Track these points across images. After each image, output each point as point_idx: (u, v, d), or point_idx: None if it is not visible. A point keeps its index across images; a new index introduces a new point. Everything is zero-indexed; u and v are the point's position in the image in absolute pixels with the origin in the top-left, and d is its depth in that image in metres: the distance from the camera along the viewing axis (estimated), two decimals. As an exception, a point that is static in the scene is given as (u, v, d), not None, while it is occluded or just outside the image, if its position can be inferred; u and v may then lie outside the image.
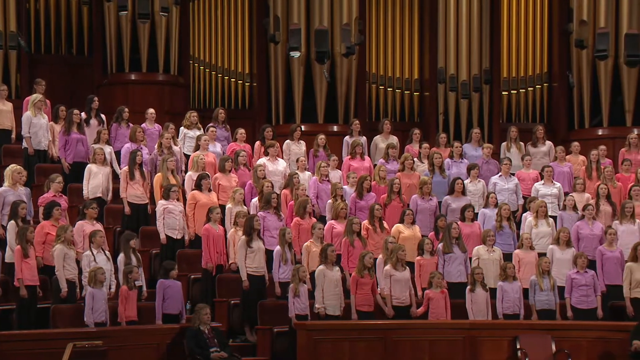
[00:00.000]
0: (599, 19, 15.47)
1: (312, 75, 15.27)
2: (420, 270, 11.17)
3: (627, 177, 12.96)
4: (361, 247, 11.12)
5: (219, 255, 11.13)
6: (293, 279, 10.40)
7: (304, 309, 10.40)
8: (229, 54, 15.79)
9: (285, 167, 12.85)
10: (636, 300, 10.89)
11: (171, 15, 14.94)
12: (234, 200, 11.64)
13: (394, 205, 12.01)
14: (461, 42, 15.59)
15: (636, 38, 15.21)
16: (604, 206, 12.17)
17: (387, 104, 15.94)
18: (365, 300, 10.64)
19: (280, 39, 15.33)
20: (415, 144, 13.73)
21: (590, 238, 11.71)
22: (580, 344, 10.49)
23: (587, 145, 13.97)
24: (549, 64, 16.09)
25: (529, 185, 12.81)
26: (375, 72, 15.95)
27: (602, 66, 15.41)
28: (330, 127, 15.12)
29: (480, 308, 10.85)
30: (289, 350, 10.28)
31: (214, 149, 12.94)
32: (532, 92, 16.08)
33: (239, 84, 15.80)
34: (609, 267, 11.32)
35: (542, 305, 10.96)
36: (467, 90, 15.54)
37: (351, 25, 15.31)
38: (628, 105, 15.34)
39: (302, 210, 11.52)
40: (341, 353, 10.20)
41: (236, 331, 10.89)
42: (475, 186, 12.62)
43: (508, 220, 11.88)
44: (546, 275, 10.98)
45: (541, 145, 13.74)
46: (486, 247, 11.37)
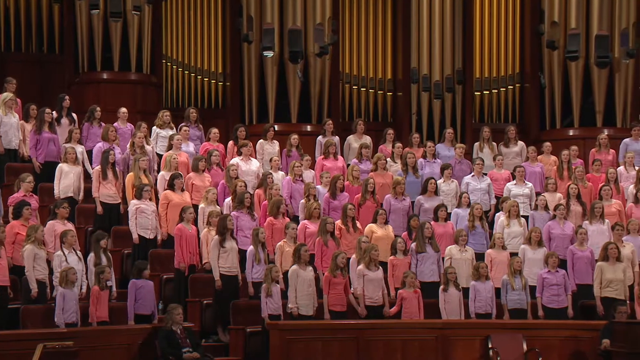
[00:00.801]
0: (570, 20, 15.59)
1: (285, 75, 15.26)
2: (393, 270, 11.20)
3: (597, 177, 13.07)
4: (334, 247, 11.13)
5: (191, 255, 11.10)
6: (266, 278, 10.39)
7: (277, 309, 10.40)
8: (202, 53, 15.75)
9: (258, 167, 12.83)
10: (606, 300, 10.98)
11: (143, 14, 14.87)
12: (207, 200, 11.61)
13: (368, 205, 12.03)
14: (434, 43, 15.66)
15: (606, 39, 15.35)
16: (574, 206, 12.27)
17: (360, 104, 15.97)
18: (338, 300, 10.65)
19: (253, 38, 15.31)
20: (389, 143, 13.76)
21: (561, 238, 11.79)
22: (551, 343, 10.56)
23: (558, 145, 14.07)
24: (521, 65, 16.19)
25: (502, 185, 12.88)
26: (348, 72, 15.97)
27: (573, 67, 15.54)
28: (303, 127, 15.12)
29: (453, 307, 10.90)
30: (262, 350, 10.27)
31: (187, 148, 12.90)
32: (505, 93, 16.17)
33: (212, 84, 15.76)
34: (579, 266, 11.41)
35: (513, 304, 11.03)
36: (440, 90, 15.61)
37: (324, 25, 15.32)
38: (598, 106, 15.48)
39: (276, 210, 11.51)
40: (314, 353, 10.20)
41: (209, 331, 10.86)
42: (448, 186, 12.67)
43: (480, 220, 11.94)
44: (518, 275, 11.04)
45: (513, 145, 13.82)
46: (458, 246, 11.42)
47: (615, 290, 11.02)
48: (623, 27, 15.47)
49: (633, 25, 15.55)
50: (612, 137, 14.43)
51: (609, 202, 12.26)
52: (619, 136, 14.54)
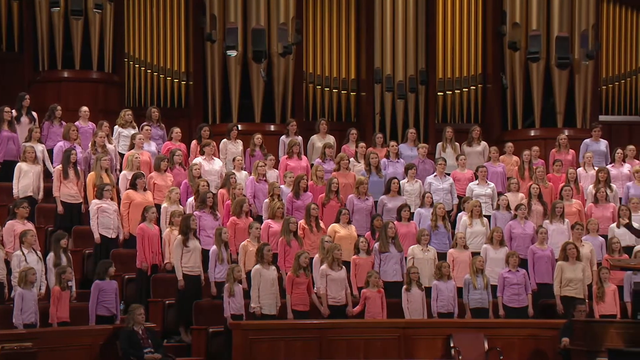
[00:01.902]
0: (531, 21, 15.73)
1: (249, 75, 15.21)
2: (356, 269, 11.22)
3: (558, 177, 13.20)
4: (297, 246, 11.13)
5: (154, 254, 11.05)
6: (228, 278, 10.37)
7: (239, 309, 10.38)
8: (165, 52, 15.64)
9: (221, 167, 12.79)
10: (566, 298, 11.10)
11: (105, 12, 14.74)
12: (170, 200, 11.56)
13: (332, 205, 12.04)
14: (397, 43, 15.71)
15: (566, 41, 15.51)
16: (535, 206, 12.38)
17: (324, 103, 15.98)
18: (301, 300, 10.66)
19: (216, 37, 15.24)
20: (352, 143, 13.79)
21: (522, 237, 11.89)
22: (511, 342, 10.66)
23: (520, 145, 14.18)
24: (483, 66, 16.30)
25: (464, 185, 12.96)
26: (312, 72, 15.96)
27: (534, 68, 15.67)
28: (267, 126, 15.09)
29: (416, 307, 10.95)
30: (224, 350, 10.24)
31: (149, 147, 12.83)
32: (467, 93, 16.27)
33: (175, 83, 15.66)
34: (539, 265, 11.52)
35: (475, 303, 11.11)
36: (403, 90, 15.66)
37: (288, 24, 15.30)
38: (559, 107, 15.63)
39: (239, 209, 11.49)
40: (277, 353, 10.19)
41: (171, 331, 10.81)
42: (412, 186, 12.72)
43: (443, 219, 12.00)
44: (480, 274, 11.12)
45: (476, 145, 13.92)
46: (421, 246, 11.48)
47: (574, 289, 11.14)
48: (583, 29, 15.65)
49: (592, 27, 15.73)
50: (572, 137, 14.59)
51: (569, 202, 12.39)
52: (579, 137, 14.71)
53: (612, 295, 11.07)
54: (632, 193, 12.71)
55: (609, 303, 11.01)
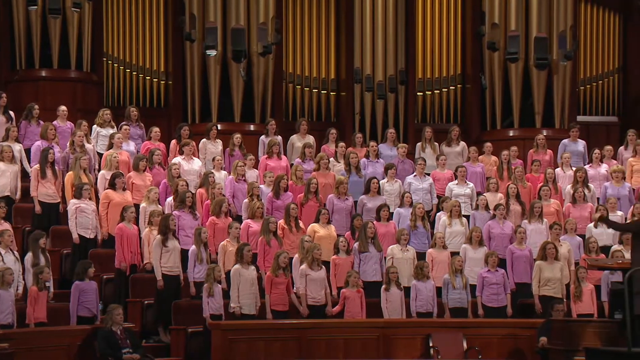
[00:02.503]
0: (510, 22, 15.79)
1: (228, 74, 15.17)
2: (335, 269, 11.23)
3: (536, 177, 13.26)
4: (277, 246, 11.12)
5: (132, 254, 11.01)
6: (207, 278, 10.35)
7: (219, 309, 10.36)
8: (144, 51, 15.57)
9: (200, 167, 12.77)
10: (544, 298, 11.16)
11: (83, 11, 14.65)
12: (149, 200, 11.52)
13: (311, 204, 12.05)
14: (377, 43, 15.73)
15: (545, 41, 15.58)
16: (514, 206, 12.44)
17: (303, 103, 15.97)
18: (280, 300, 10.65)
19: (196, 37, 15.18)
20: (332, 143, 13.79)
21: (501, 237, 11.95)
22: (490, 341, 10.70)
23: (499, 145, 14.24)
24: (462, 66, 16.34)
25: (444, 185, 13.00)
26: (292, 72, 15.95)
27: (513, 68, 15.74)
28: (246, 126, 15.06)
29: (395, 307, 10.97)
30: (203, 351, 10.21)
31: (128, 147, 12.78)
32: (446, 93, 16.31)
33: (154, 82, 15.59)
34: (518, 265, 11.57)
35: (454, 303, 11.14)
36: (383, 90, 15.68)
37: (268, 24, 15.28)
38: (537, 107, 15.70)
39: (218, 209, 11.47)
40: (256, 353, 10.18)
41: (150, 331, 10.78)
42: (392, 186, 12.75)
43: (422, 219, 12.04)
44: (459, 274, 11.16)
45: (455, 145, 13.96)
46: (400, 246, 11.50)
47: (552, 288, 11.21)
48: (561, 30, 15.73)
49: (570, 28, 15.82)
50: (550, 137, 14.67)
51: (547, 202, 12.45)
52: (558, 137, 14.79)
53: (590, 294, 11.15)
54: (610, 193, 12.80)
55: (586, 302, 11.08)
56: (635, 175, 13.31)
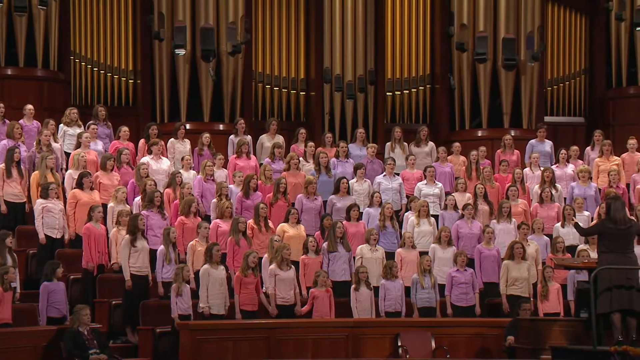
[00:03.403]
0: (479, 23, 15.88)
1: (197, 74, 15.09)
2: (305, 269, 11.23)
3: (504, 177, 13.34)
4: (246, 246, 11.11)
5: (100, 254, 10.95)
6: (176, 278, 10.32)
7: (187, 309, 10.32)
8: (112, 50, 15.45)
9: (169, 166, 12.71)
10: (512, 297, 11.23)
11: (50, 9, 14.50)
12: (117, 199, 11.46)
13: (280, 204, 12.04)
14: (346, 43, 15.73)
15: (513, 42, 15.69)
16: (482, 206, 12.50)
17: (273, 103, 15.94)
18: (249, 300, 10.64)
19: (164, 36, 15.10)
20: (301, 143, 13.79)
21: (469, 237, 12.01)
22: (458, 340, 10.76)
23: (467, 146, 14.31)
24: (431, 66, 16.40)
25: (413, 185, 13.05)
26: (261, 71, 15.91)
27: (482, 69, 15.83)
28: (215, 125, 15.00)
29: (364, 306, 11.00)
30: (172, 351, 10.17)
31: (96, 146, 12.70)
32: (415, 94, 16.36)
33: (122, 81, 15.47)
34: (486, 265, 11.64)
35: (423, 303, 11.19)
36: (353, 90, 15.70)
37: (237, 23, 15.23)
38: (505, 108, 15.79)
39: (187, 209, 11.43)
40: (224, 353, 10.16)
41: (117, 332, 10.71)
42: (361, 186, 12.77)
43: (391, 219, 12.07)
44: (427, 274, 11.21)
45: (424, 145, 14.02)
46: (369, 246, 11.52)
47: (520, 288, 11.28)
48: (528, 31, 15.85)
49: (538, 29, 15.94)
50: (518, 138, 14.77)
51: (515, 202, 12.54)
52: (525, 137, 14.89)
53: (556, 294, 11.23)
54: (577, 193, 12.92)
55: (552, 302, 11.17)
56: (601, 175, 13.44)
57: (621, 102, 16.27)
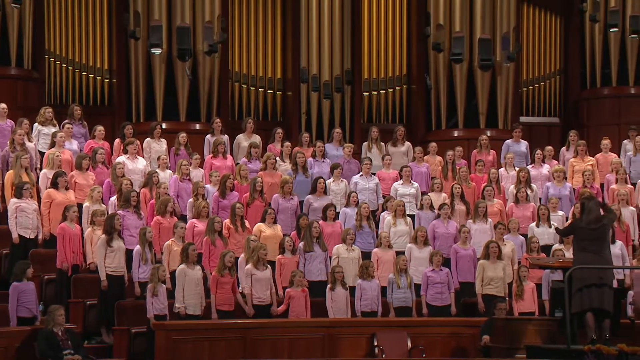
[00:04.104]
0: (455, 23, 15.92)
1: (173, 73, 15.03)
2: (281, 268, 11.22)
3: (480, 177, 13.40)
4: (222, 246, 11.08)
5: (75, 254, 10.89)
6: (152, 278, 10.28)
7: (163, 309, 10.29)
8: (87, 48, 15.34)
9: (145, 166, 12.67)
10: (487, 297, 11.28)
11: (24, 7, 14.37)
12: (92, 199, 11.41)
13: (257, 204, 12.02)
14: (323, 43, 15.73)
15: (489, 43, 15.75)
16: (458, 205, 12.55)
17: (249, 102, 15.91)
18: (226, 300, 10.62)
19: (140, 35, 15.01)
20: (278, 143, 13.78)
21: (445, 236, 12.05)
22: (434, 340, 10.78)
23: (444, 146, 14.35)
24: (407, 66, 16.43)
25: (389, 184, 13.07)
26: (238, 71, 15.87)
27: (458, 69, 15.88)
28: (192, 125, 14.94)
29: (340, 306, 11.00)
30: (147, 351, 10.13)
31: (70, 146, 12.63)
32: (392, 94, 16.38)
33: (97, 80, 15.37)
34: (462, 264, 11.68)
35: (399, 302, 11.21)
36: (329, 90, 15.70)
37: (214, 23, 15.19)
38: (482, 108, 15.85)
39: (164, 209, 11.40)
40: (200, 353, 10.12)
41: (92, 332, 10.66)
42: (338, 186, 12.79)
43: (368, 219, 12.09)
44: (403, 274, 11.23)
45: (400, 145, 14.06)
46: (346, 245, 11.53)
47: (495, 287, 11.33)
48: (504, 32, 15.92)
49: (513, 29, 16.02)
50: (494, 138, 14.84)
51: (491, 202, 12.59)
52: (501, 137, 14.96)
53: (531, 293, 11.29)
54: (552, 193, 13.00)
55: (527, 301, 11.23)
56: (576, 175, 13.54)
57: (595, 102, 16.40)
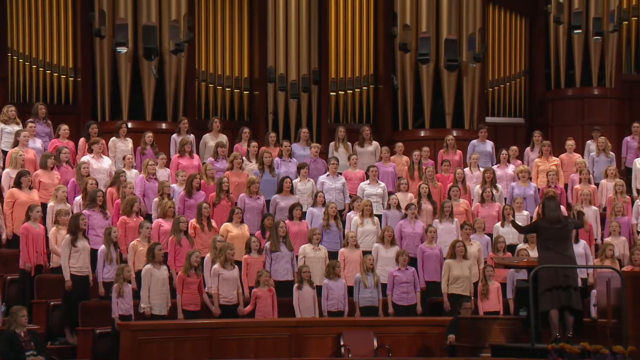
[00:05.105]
0: (421, 24, 15.99)
1: (139, 72, 14.91)
2: (247, 268, 11.20)
3: (446, 177, 13.47)
4: (188, 245, 11.04)
5: (38, 254, 10.79)
6: (117, 278, 10.21)
7: (128, 310, 10.22)
8: (51, 47, 15.17)
9: (110, 165, 12.59)
10: (453, 296, 11.35)
11: (-14, 4, 14.24)
12: (57, 198, 11.31)
13: (223, 204, 11.99)
14: (290, 43, 15.71)
15: (455, 43, 15.84)
16: (425, 205, 12.61)
17: (216, 102, 15.85)
18: (192, 300, 10.57)
19: (105, 33, 14.89)
20: (244, 142, 13.76)
21: (412, 236, 12.10)
22: (400, 339, 10.81)
23: (410, 146, 14.41)
24: (374, 67, 16.47)
25: (356, 184, 13.10)
26: (204, 70, 15.80)
27: (424, 70, 15.94)
28: (158, 124, 14.85)
29: (307, 305, 11.00)
30: (112, 352, 10.05)
31: (34, 145, 12.51)
32: (359, 94, 16.41)
33: (62, 79, 15.21)
34: (429, 264, 11.73)
35: (365, 302, 11.23)
36: (296, 90, 15.68)
37: (180, 22, 15.11)
38: (448, 108, 15.93)
39: (129, 208, 11.33)
40: (166, 353, 10.05)
41: (56, 333, 10.55)
42: (304, 185, 12.79)
43: (335, 219, 12.11)
44: (370, 273, 11.26)
45: (367, 145, 14.09)
46: (312, 245, 11.54)
47: (461, 287, 11.40)
48: (470, 32, 16.02)
49: (479, 30, 16.12)
50: (460, 138, 14.92)
51: (457, 202, 12.67)
52: (467, 137, 15.06)
53: (496, 292, 11.37)
54: (516, 193, 13.10)
55: (492, 300, 11.31)
56: (541, 175, 13.66)
57: (560, 103, 16.56)
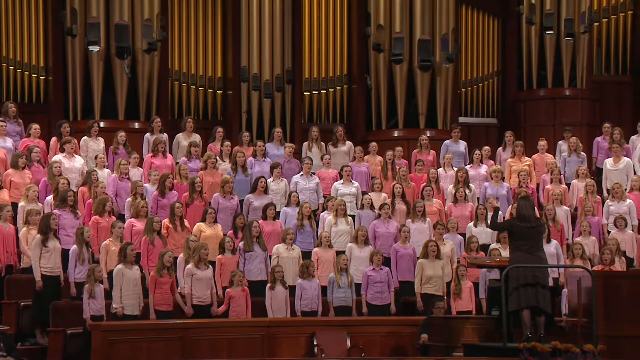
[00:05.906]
0: (395, 24, 16.02)
1: (112, 71, 14.82)
2: (221, 268, 11.17)
3: (419, 177, 13.52)
4: (161, 245, 10.99)
5: (9, 255, 10.71)
6: (88, 279, 10.14)
7: (100, 310, 10.16)
8: (22, 45, 15.04)
9: (82, 164, 12.51)
10: (426, 296, 11.38)
11: (-45, 4, 14.07)
12: (27, 198, 11.22)
13: (196, 204, 11.95)
14: (264, 42, 15.69)
15: (428, 44, 15.89)
16: (399, 205, 12.64)
17: (189, 101, 15.79)
18: (164, 300, 10.53)
19: (77, 32, 14.78)
20: (218, 142, 13.72)
21: (386, 236, 12.12)
22: (373, 339, 10.81)
23: (384, 145, 14.43)
24: (348, 67, 16.48)
25: (329, 184, 13.11)
26: (177, 69, 15.74)
27: (398, 70, 15.98)
28: (131, 123, 14.77)
29: (280, 305, 10.99)
30: (83, 353, 9.97)
31: (4, 144, 12.42)
32: (333, 93, 16.42)
33: (33, 78, 15.09)
34: (402, 264, 11.76)
35: (339, 302, 11.24)
36: (270, 89, 15.66)
37: (153, 21, 15.03)
38: (421, 108, 15.97)
39: (102, 208, 11.26)
40: (138, 354, 10.00)
41: (26, 334, 10.46)
42: (278, 185, 12.78)
43: (309, 219, 12.10)
44: (344, 273, 11.26)
45: (341, 145, 14.10)
46: (286, 245, 11.53)
47: (434, 286, 11.43)
48: (443, 33, 16.08)
49: (452, 31, 16.18)
50: (433, 138, 14.97)
51: (430, 202, 12.71)
52: (440, 138, 15.12)
53: (469, 292, 11.42)
54: (489, 193, 13.16)
55: (465, 300, 11.36)
56: (513, 175, 13.74)
57: (532, 104, 16.67)
